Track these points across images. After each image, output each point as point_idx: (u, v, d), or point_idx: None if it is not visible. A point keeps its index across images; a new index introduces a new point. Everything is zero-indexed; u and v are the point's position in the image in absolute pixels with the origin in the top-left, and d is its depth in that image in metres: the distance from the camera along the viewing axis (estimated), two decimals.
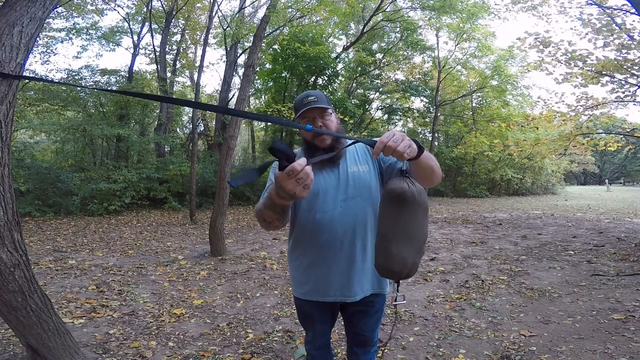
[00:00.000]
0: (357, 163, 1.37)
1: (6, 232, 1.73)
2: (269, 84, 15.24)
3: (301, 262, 1.39)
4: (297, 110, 1.33)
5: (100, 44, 13.38)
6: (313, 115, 1.30)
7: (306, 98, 1.31)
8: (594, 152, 20.86)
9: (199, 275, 4.41)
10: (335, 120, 1.36)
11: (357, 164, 1.36)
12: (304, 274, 1.39)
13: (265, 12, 6.64)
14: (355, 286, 1.33)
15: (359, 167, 1.36)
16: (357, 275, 1.32)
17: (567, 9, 7.21)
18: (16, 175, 8.73)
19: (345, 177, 1.35)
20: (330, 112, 1.33)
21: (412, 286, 3.99)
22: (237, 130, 5.69)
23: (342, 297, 1.34)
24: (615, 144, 7.94)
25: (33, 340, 1.91)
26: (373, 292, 1.39)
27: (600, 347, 2.48)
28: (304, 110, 1.29)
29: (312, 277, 1.36)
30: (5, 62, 1.63)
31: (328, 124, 1.32)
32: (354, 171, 1.35)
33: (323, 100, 1.31)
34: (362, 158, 1.39)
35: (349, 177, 1.34)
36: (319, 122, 1.30)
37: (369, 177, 1.35)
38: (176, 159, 11.81)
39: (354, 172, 1.35)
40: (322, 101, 1.31)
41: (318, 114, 1.31)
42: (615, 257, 5.17)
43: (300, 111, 1.31)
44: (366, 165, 1.37)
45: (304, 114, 1.30)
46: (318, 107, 1.29)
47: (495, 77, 16.83)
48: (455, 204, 15.62)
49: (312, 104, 1.29)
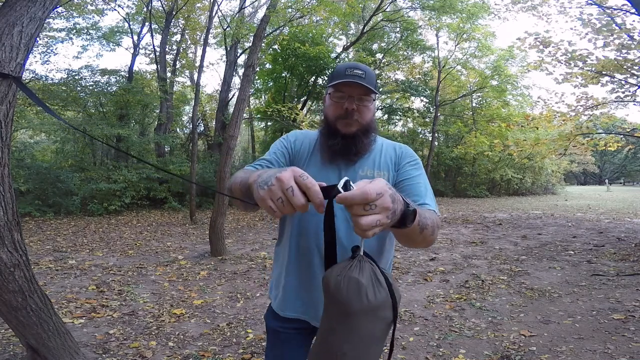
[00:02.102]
0: (375, 166, 1.09)
1: (6, 232, 1.73)
2: (269, 84, 15.24)
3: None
4: (332, 79, 1.04)
5: (100, 44, 13.37)
6: (351, 93, 1.02)
7: (351, 69, 1.02)
8: (594, 152, 20.86)
9: (199, 275, 4.41)
10: (373, 111, 1.09)
11: (374, 168, 1.08)
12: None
13: (265, 12, 6.64)
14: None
15: (375, 172, 1.08)
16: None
17: (567, 9, 7.22)
18: (16, 175, 8.72)
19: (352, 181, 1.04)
20: (373, 98, 1.06)
21: (412, 286, 3.99)
22: (237, 130, 5.69)
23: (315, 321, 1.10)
24: (615, 144, 7.95)
25: (33, 340, 1.91)
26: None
27: (600, 347, 2.48)
28: (343, 81, 1.01)
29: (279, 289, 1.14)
30: (5, 62, 1.63)
31: (364, 112, 1.04)
32: (365, 176, 1.06)
33: (371, 81, 1.03)
34: (384, 162, 1.10)
35: (356, 181, 1.04)
36: (354, 104, 1.02)
37: None
38: (176, 159, 11.81)
39: (364, 176, 1.06)
40: (370, 81, 1.02)
41: (358, 93, 1.02)
42: (615, 257, 5.17)
43: (337, 81, 1.01)
44: (385, 172, 1.09)
45: (340, 86, 1.02)
46: (363, 85, 1.00)
47: (495, 77, 16.82)
48: (455, 204, 15.61)
49: (356, 78, 1.00)
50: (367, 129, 1.06)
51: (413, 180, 1.06)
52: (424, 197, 1.00)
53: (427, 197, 1.01)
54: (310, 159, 1.12)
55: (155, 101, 12.47)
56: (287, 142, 1.15)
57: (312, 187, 0.59)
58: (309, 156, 1.13)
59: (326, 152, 1.07)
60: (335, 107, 1.04)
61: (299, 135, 1.17)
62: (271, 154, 1.12)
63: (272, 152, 1.12)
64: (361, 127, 1.05)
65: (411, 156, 1.12)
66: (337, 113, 1.04)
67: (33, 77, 10.26)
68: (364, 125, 1.05)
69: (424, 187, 1.04)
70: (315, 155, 1.12)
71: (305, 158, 1.13)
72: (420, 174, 1.08)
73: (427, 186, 1.06)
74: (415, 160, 1.11)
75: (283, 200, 0.59)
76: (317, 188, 0.59)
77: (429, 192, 1.03)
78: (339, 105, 1.03)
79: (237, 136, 5.72)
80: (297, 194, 0.58)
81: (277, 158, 1.10)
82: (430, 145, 18.24)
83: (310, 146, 1.14)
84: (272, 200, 0.60)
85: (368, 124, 1.06)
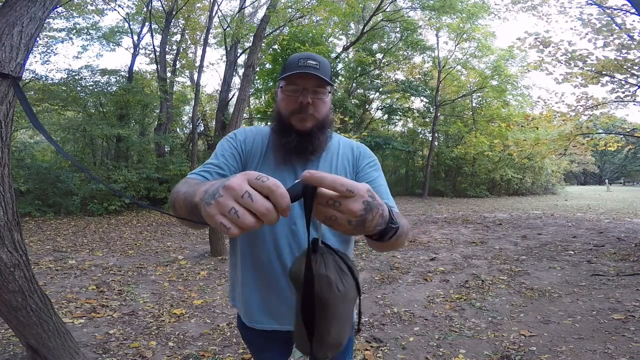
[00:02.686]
0: (332, 169, 1.01)
1: (6, 232, 1.73)
2: (269, 84, 15.25)
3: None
4: (285, 71, 0.95)
5: (100, 44, 13.38)
6: (305, 85, 0.93)
7: (304, 60, 0.93)
8: (594, 152, 20.86)
9: (199, 275, 4.41)
10: (329, 105, 1.01)
11: (331, 170, 1.00)
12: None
13: (265, 12, 6.64)
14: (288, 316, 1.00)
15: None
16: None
17: (567, 9, 7.22)
18: (16, 175, 8.72)
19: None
20: (329, 90, 0.98)
21: (412, 286, 3.99)
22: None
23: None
24: (615, 144, 7.95)
25: (33, 340, 1.91)
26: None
27: (600, 347, 2.48)
28: (296, 72, 0.92)
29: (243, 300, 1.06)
30: (5, 62, 1.63)
31: (319, 105, 0.96)
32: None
33: (326, 72, 0.95)
34: (341, 164, 1.03)
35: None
36: (309, 98, 0.94)
37: None
38: (176, 159, 11.81)
39: None
40: (325, 72, 0.94)
41: (312, 86, 0.94)
42: (615, 257, 5.17)
43: (289, 72, 0.93)
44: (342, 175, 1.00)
45: (293, 78, 0.94)
46: (317, 76, 0.92)
47: (495, 77, 16.86)
48: (455, 204, 15.61)
49: (309, 69, 0.92)
50: (323, 124, 0.98)
51: (375, 182, 1.01)
52: (387, 199, 0.97)
53: (389, 199, 0.97)
54: (263, 160, 1.01)
55: (155, 101, 12.48)
56: (236, 142, 1.01)
57: (277, 189, 0.47)
58: (262, 157, 1.01)
59: (279, 151, 0.98)
60: (288, 101, 0.95)
61: (249, 133, 1.04)
62: (219, 157, 0.98)
63: (220, 154, 0.99)
64: (317, 122, 0.97)
65: (370, 157, 1.07)
66: (291, 108, 0.95)
67: (33, 77, 10.26)
68: (320, 121, 0.97)
69: (385, 189, 1.01)
70: (269, 155, 1.01)
71: (258, 159, 1.01)
72: (379, 175, 1.04)
73: (386, 187, 1.03)
74: (373, 160, 1.07)
75: (237, 212, 0.46)
76: (283, 190, 0.48)
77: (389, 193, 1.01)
78: (292, 99, 0.94)
79: None
80: (257, 199, 0.47)
81: (226, 162, 0.97)
82: (430, 145, 18.27)
83: (262, 145, 1.02)
84: (222, 215, 0.47)
85: (324, 119, 0.98)
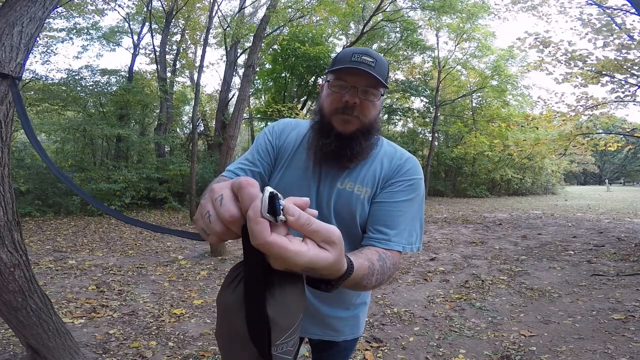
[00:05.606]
0: (359, 180, 0.89)
1: (6, 232, 1.73)
2: (269, 84, 15.28)
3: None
4: (335, 64, 0.84)
5: (100, 44, 13.39)
6: (355, 83, 0.82)
7: (360, 55, 0.81)
8: (594, 152, 20.84)
9: (199, 275, 4.41)
10: (379, 109, 0.89)
11: (356, 181, 0.89)
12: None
13: (265, 12, 6.64)
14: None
15: (355, 186, 0.88)
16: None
17: (567, 9, 7.25)
18: (16, 175, 8.72)
19: (328, 194, 0.89)
20: (382, 93, 0.85)
21: (412, 286, 3.99)
22: (237, 130, 5.70)
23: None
24: (615, 144, 7.95)
25: (33, 340, 1.91)
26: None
27: (600, 347, 2.48)
28: (347, 67, 0.80)
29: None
30: (5, 62, 1.63)
31: (367, 107, 0.84)
32: (344, 189, 0.88)
33: (382, 71, 0.83)
34: (370, 176, 0.89)
35: (332, 195, 0.89)
36: (357, 98, 0.82)
37: (359, 202, 0.88)
38: (176, 159, 11.80)
39: (342, 190, 0.88)
40: (381, 71, 0.82)
41: (364, 85, 0.82)
42: (615, 257, 5.17)
43: (339, 66, 0.82)
44: (368, 189, 0.89)
45: (343, 73, 0.82)
46: (371, 74, 0.80)
47: (495, 77, 16.85)
48: (455, 204, 15.61)
49: (363, 65, 0.80)
50: (368, 129, 0.86)
51: (391, 206, 0.85)
52: (395, 229, 0.82)
53: (398, 230, 0.82)
54: (292, 157, 0.92)
55: (155, 101, 12.49)
56: (273, 135, 0.94)
57: (247, 186, 0.38)
58: (292, 154, 0.92)
59: (314, 152, 0.88)
60: (333, 98, 0.84)
61: (287, 126, 0.96)
62: (253, 153, 0.91)
63: (255, 149, 0.92)
64: (362, 126, 0.85)
65: (408, 175, 0.89)
66: (335, 106, 0.84)
67: (33, 77, 10.26)
68: (366, 125, 0.85)
69: (403, 218, 0.83)
70: (300, 153, 0.91)
71: (287, 155, 0.92)
72: (408, 199, 0.86)
73: (412, 215, 0.85)
74: (411, 180, 0.88)
75: (210, 216, 0.40)
76: (252, 190, 0.38)
77: (407, 225, 0.83)
78: (338, 97, 0.83)
79: (237, 136, 5.72)
80: (225, 202, 0.39)
81: (260, 158, 0.90)
82: (430, 145, 18.24)
83: (296, 141, 0.93)
84: (201, 217, 0.43)
85: (370, 124, 0.86)
